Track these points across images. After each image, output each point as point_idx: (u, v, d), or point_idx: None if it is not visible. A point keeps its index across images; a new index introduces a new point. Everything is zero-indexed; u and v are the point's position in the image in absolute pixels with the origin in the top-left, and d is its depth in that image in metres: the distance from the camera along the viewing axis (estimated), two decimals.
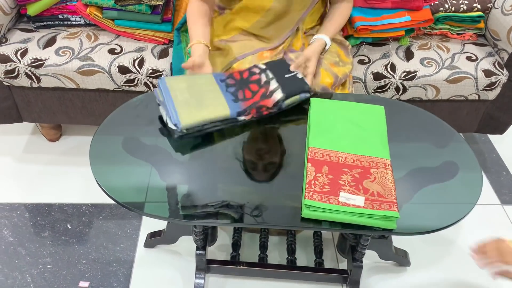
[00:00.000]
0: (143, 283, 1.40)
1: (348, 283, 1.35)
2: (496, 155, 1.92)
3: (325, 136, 1.11)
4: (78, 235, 1.53)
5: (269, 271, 1.36)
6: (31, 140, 1.87)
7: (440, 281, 1.45)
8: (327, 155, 1.06)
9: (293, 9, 1.33)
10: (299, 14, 1.36)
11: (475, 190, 1.06)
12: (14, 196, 1.65)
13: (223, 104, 1.16)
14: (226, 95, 1.19)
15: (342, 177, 1.01)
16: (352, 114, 1.19)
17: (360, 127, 1.15)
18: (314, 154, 1.06)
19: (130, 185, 1.03)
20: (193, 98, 1.15)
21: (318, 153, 1.06)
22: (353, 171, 1.03)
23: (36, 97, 1.61)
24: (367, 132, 1.14)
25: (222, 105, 1.16)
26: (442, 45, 1.65)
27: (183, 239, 1.45)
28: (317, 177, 1.00)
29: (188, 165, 1.09)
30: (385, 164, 1.05)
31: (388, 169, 1.04)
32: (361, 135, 1.12)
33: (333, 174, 1.02)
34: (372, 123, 1.17)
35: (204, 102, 1.15)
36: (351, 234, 1.28)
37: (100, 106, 1.63)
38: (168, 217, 1.01)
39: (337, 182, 1.00)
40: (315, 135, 1.11)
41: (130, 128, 1.17)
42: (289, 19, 1.36)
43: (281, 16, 1.34)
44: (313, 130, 1.13)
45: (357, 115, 1.18)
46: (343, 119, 1.16)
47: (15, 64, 1.50)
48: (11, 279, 1.40)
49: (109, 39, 1.59)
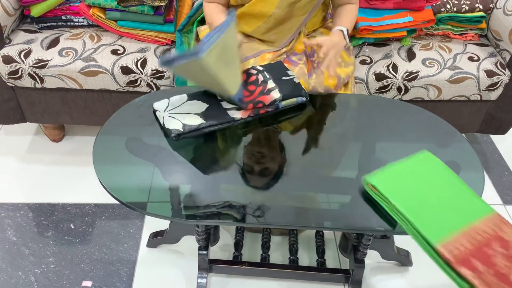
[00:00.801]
0: (145, 282, 1.41)
1: (350, 283, 1.35)
2: (498, 155, 1.92)
3: (436, 222, 0.94)
4: (81, 235, 1.53)
5: (271, 270, 1.36)
6: (34, 141, 1.88)
7: (442, 281, 1.45)
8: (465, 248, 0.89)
9: (295, 14, 1.34)
10: (301, 19, 1.36)
11: (477, 190, 1.06)
12: (18, 196, 1.66)
13: (235, 84, 1.16)
14: None
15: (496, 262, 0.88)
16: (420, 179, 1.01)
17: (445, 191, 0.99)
18: (453, 254, 0.89)
19: (133, 185, 1.04)
20: (223, 57, 1.10)
21: (453, 248, 0.90)
22: (494, 246, 0.90)
23: (40, 97, 1.62)
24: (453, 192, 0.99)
25: (234, 84, 1.15)
26: (444, 46, 1.65)
27: (185, 239, 1.46)
28: None
29: (191, 165, 1.10)
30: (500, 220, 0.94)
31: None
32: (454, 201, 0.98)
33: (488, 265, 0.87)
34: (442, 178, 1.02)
35: (228, 67, 1.12)
36: (353, 234, 1.29)
37: (103, 106, 1.64)
38: (170, 216, 1.01)
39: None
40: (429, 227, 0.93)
41: (133, 128, 1.18)
42: (291, 24, 1.36)
43: (282, 21, 1.34)
44: (417, 220, 0.94)
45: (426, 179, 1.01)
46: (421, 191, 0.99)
47: (19, 65, 1.51)
48: (14, 279, 1.40)
49: (112, 40, 1.60)
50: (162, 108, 1.17)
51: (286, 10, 1.31)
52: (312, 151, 1.16)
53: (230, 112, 1.17)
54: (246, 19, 1.37)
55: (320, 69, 1.23)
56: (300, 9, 1.33)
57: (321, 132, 1.22)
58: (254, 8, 1.32)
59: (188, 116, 1.14)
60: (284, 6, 1.30)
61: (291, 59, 1.37)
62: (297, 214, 1.00)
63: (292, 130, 1.21)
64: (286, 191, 1.05)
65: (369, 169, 1.09)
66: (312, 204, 1.06)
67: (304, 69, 1.32)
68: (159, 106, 1.18)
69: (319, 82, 1.30)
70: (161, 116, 1.15)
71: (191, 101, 1.20)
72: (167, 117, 1.14)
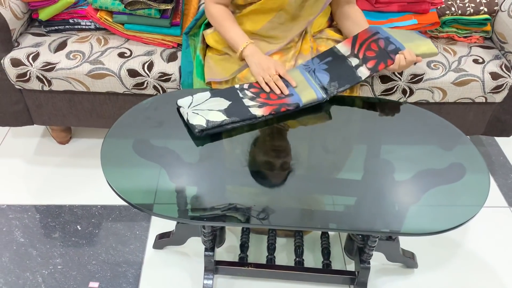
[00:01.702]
0: (152, 283, 1.42)
1: (356, 285, 1.35)
2: (504, 157, 1.92)
3: None
4: (88, 236, 1.54)
5: (277, 272, 1.37)
6: (42, 143, 1.90)
7: (447, 283, 1.45)
8: None
9: (303, 14, 1.35)
10: (308, 18, 1.37)
11: (482, 192, 1.07)
12: (25, 198, 1.67)
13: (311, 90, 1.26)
14: (309, 82, 1.29)
15: None
16: None
17: None
18: None
19: (140, 187, 1.05)
20: None
21: None
22: None
23: (47, 100, 1.64)
24: None
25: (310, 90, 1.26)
26: (449, 48, 1.66)
27: (191, 241, 1.47)
28: None
29: (197, 167, 1.11)
30: None
31: None
32: None
33: None
34: None
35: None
36: (359, 236, 1.29)
37: (109, 109, 1.66)
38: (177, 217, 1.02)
39: None
40: None
41: (140, 131, 1.19)
42: (299, 23, 1.37)
43: (292, 19, 1.35)
44: None
45: None
46: None
47: (27, 67, 1.52)
48: (22, 279, 1.42)
49: (119, 43, 1.61)
50: (186, 105, 1.21)
51: (297, 7, 1.33)
52: (318, 153, 1.17)
53: (252, 109, 1.20)
54: (255, 17, 1.37)
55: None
56: (310, 7, 1.34)
57: (327, 134, 1.23)
58: (265, 6, 1.32)
59: (211, 113, 1.18)
60: (296, 3, 1.31)
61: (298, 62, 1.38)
62: (303, 215, 1.01)
63: (297, 131, 1.22)
64: (292, 192, 1.06)
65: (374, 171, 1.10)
66: (318, 205, 1.07)
67: None
68: (183, 103, 1.22)
69: None
70: (185, 112, 1.19)
71: (214, 98, 1.23)
72: (191, 113, 1.18)
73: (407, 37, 1.39)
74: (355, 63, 1.33)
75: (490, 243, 1.56)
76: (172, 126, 1.20)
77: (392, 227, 1.00)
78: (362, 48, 1.34)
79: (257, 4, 1.33)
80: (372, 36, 1.36)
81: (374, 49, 1.33)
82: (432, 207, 1.04)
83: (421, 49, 1.36)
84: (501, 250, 1.55)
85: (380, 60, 1.31)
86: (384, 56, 1.31)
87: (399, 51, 1.31)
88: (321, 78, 1.30)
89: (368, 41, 1.35)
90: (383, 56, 1.31)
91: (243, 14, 1.38)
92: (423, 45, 1.38)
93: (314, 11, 1.36)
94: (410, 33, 1.45)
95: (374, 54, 1.32)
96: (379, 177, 1.10)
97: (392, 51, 1.31)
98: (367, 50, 1.33)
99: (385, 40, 1.34)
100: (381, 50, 1.32)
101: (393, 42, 1.33)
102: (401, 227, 0.99)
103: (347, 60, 1.34)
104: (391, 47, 1.32)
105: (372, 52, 1.32)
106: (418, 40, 1.40)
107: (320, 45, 1.45)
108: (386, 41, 1.34)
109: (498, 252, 1.54)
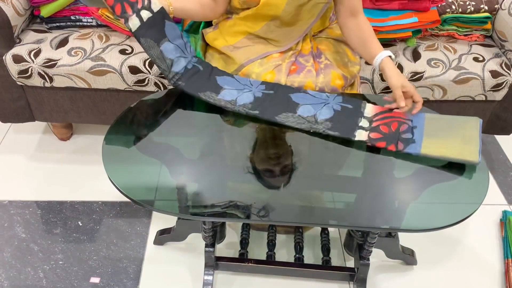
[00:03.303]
0: (153, 279, 1.43)
1: (355, 281, 1.36)
2: (503, 155, 1.93)
3: None
4: (89, 232, 1.55)
5: (277, 268, 1.38)
6: (43, 139, 1.91)
7: (446, 280, 1.46)
8: None
9: (301, 18, 1.34)
10: (308, 22, 1.37)
11: (481, 190, 1.07)
12: (27, 194, 1.68)
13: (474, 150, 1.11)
14: None
15: None
16: None
17: None
18: None
19: (141, 183, 1.06)
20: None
21: None
22: None
23: (49, 96, 1.64)
24: None
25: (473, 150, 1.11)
26: (449, 46, 1.66)
27: (192, 236, 1.48)
28: None
29: (198, 163, 1.11)
30: None
31: None
32: None
33: None
34: None
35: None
36: (359, 232, 1.30)
37: (111, 105, 1.66)
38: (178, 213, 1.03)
39: None
40: None
41: (141, 127, 1.20)
42: (298, 28, 1.37)
43: (289, 24, 1.35)
44: None
45: None
46: None
47: (29, 64, 1.53)
48: (23, 275, 1.43)
49: (120, 39, 1.62)
50: None
51: (292, 13, 1.32)
52: (318, 149, 1.17)
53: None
54: (251, 20, 1.37)
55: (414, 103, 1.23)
56: (307, 12, 1.33)
57: None
58: (260, 12, 1.32)
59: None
60: (291, 9, 1.31)
61: (299, 60, 1.38)
62: (303, 211, 1.01)
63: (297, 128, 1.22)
64: (292, 189, 1.06)
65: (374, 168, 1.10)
66: (318, 202, 1.07)
67: (312, 71, 1.33)
68: None
69: (326, 82, 1.32)
70: None
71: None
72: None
73: (451, 131, 1.17)
74: (362, 123, 1.19)
75: (489, 241, 1.57)
76: (173, 122, 1.20)
77: (392, 223, 1.01)
78: (381, 120, 1.20)
79: (253, 10, 1.33)
80: (402, 119, 1.20)
81: (391, 128, 1.18)
82: (431, 204, 1.05)
83: (456, 153, 1.11)
84: (500, 247, 1.55)
85: (385, 139, 1.15)
86: (393, 139, 1.15)
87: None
88: (323, 112, 1.22)
89: (393, 119, 1.20)
90: (392, 138, 1.16)
91: (240, 17, 1.38)
92: (464, 150, 1.12)
93: (311, 17, 1.35)
94: (460, 126, 1.20)
95: (387, 131, 1.17)
96: (379, 174, 1.11)
97: (404, 140, 1.15)
98: (384, 124, 1.19)
99: (409, 128, 1.18)
100: (395, 133, 1.17)
101: (415, 133, 1.16)
102: (400, 224, 1.00)
103: (359, 118, 1.21)
104: (407, 135, 1.16)
105: (386, 128, 1.18)
106: (462, 138, 1.15)
107: (321, 44, 1.45)
108: (409, 129, 1.17)
109: (496, 250, 1.54)
